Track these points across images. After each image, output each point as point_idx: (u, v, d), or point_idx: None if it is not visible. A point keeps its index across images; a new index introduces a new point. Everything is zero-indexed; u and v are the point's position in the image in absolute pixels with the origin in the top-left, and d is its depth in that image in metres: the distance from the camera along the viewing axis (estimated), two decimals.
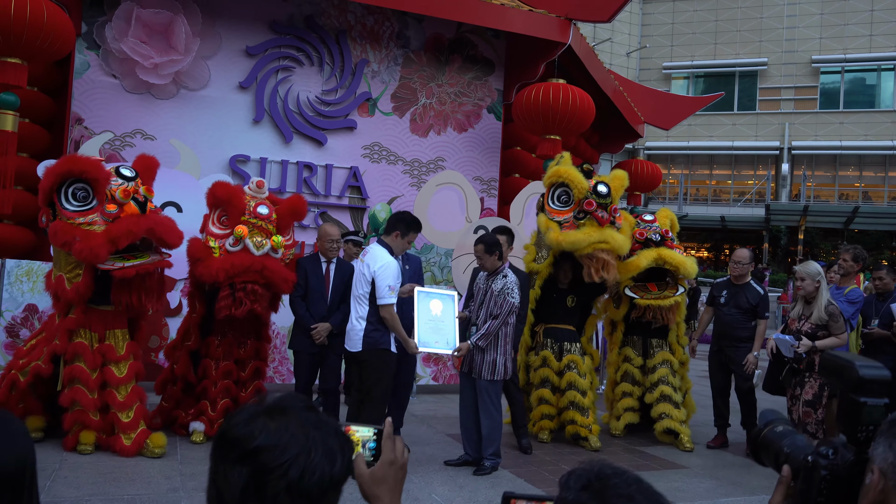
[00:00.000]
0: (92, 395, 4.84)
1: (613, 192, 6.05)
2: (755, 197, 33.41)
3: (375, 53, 8.54)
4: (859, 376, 1.38)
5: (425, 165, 8.76)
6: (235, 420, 1.12)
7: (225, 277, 5.16)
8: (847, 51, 31.99)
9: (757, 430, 1.53)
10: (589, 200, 5.94)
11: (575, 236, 5.86)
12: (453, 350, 5.06)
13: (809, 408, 5.43)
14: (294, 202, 5.72)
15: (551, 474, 5.16)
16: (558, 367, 6.10)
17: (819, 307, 5.46)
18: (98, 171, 4.86)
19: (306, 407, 1.15)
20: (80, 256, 4.68)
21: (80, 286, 4.81)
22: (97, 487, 4.21)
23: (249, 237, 5.27)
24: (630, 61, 34.98)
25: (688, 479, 5.30)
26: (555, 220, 6.06)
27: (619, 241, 5.91)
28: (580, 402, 5.98)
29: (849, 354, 1.49)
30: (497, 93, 9.20)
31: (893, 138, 30.99)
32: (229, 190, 5.43)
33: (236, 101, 7.92)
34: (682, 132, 31.79)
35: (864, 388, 1.37)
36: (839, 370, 1.44)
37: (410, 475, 4.92)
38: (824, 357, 1.56)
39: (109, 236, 4.67)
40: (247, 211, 5.34)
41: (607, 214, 5.92)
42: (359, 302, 4.91)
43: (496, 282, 5.09)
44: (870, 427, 1.31)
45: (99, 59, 7.35)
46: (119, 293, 4.90)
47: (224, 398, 5.42)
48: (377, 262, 4.84)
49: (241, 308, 5.24)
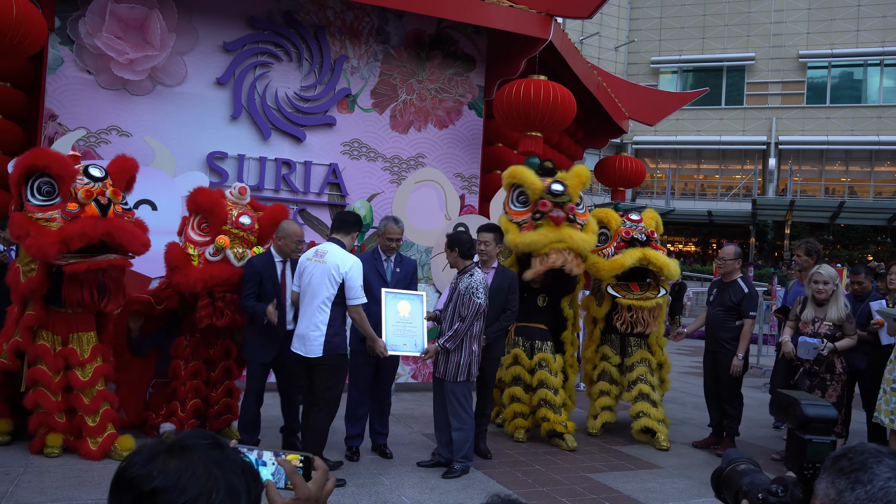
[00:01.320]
0: (55, 397, 4.78)
1: (571, 189, 5.97)
2: (742, 191, 33.55)
3: (355, 49, 8.47)
4: (804, 414, 1.39)
5: (406, 162, 8.71)
6: (134, 459, 1.07)
7: (203, 288, 5.11)
8: (834, 46, 32.12)
9: (720, 468, 1.56)
10: (543, 200, 5.87)
11: (531, 237, 5.82)
12: (421, 352, 5.01)
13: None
14: (276, 212, 5.55)
15: (525, 475, 5.14)
16: (530, 365, 6.08)
17: (838, 307, 5.46)
18: (62, 167, 4.75)
19: (212, 444, 1.11)
20: (29, 252, 4.61)
21: (34, 280, 4.73)
22: (61, 492, 4.16)
23: (231, 248, 5.19)
24: (618, 55, 34.99)
25: (661, 479, 5.30)
26: (514, 221, 6.03)
27: (578, 239, 5.83)
28: (551, 399, 5.96)
29: (796, 392, 1.50)
30: (478, 89, 9.15)
31: (879, 133, 31.18)
32: (212, 198, 5.28)
33: (214, 98, 7.84)
34: (669, 127, 31.86)
35: (810, 426, 1.38)
36: (785, 408, 1.45)
37: (381, 477, 4.90)
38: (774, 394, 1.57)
39: (62, 236, 4.57)
40: (229, 220, 5.24)
41: (563, 213, 5.83)
42: (321, 306, 4.62)
43: (462, 281, 5.05)
44: (816, 464, 1.32)
45: (73, 55, 7.25)
46: (70, 289, 4.78)
47: (194, 398, 5.37)
48: (346, 262, 4.64)
49: (222, 318, 5.19)
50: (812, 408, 1.42)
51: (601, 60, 32.92)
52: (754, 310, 6.20)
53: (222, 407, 5.54)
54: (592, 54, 32.67)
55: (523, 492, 4.75)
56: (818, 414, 1.41)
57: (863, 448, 1.17)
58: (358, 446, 5.32)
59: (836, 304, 5.50)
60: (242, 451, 1.36)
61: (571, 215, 5.91)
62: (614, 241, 6.46)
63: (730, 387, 6.20)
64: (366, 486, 4.66)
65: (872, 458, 1.14)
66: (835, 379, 5.46)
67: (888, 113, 31.34)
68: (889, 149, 31.51)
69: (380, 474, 4.97)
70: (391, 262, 5.42)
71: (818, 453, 1.35)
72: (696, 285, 25.09)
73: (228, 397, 5.58)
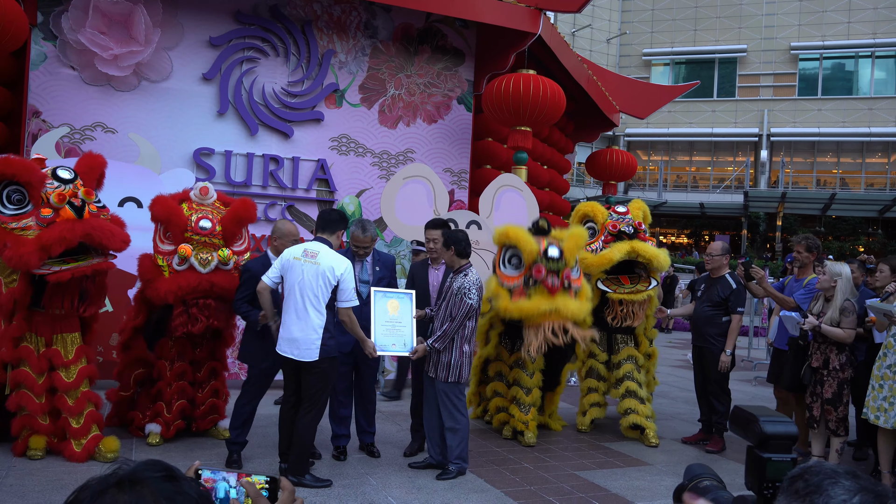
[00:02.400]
0: (39, 399, 4.73)
1: (567, 253, 5.62)
2: (734, 183, 33.59)
3: (342, 44, 8.41)
4: (763, 432, 1.35)
5: (394, 157, 8.66)
6: (82, 494, 1.03)
7: (174, 299, 5.08)
8: (825, 38, 32.14)
9: (682, 485, 1.52)
10: (538, 266, 5.53)
11: (522, 307, 5.50)
12: (410, 352, 4.98)
13: (830, 406, 5.43)
14: (238, 209, 5.36)
15: (512, 473, 5.12)
16: (510, 362, 6.09)
17: (835, 307, 5.44)
18: (30, 174, 4.63)
19: (164, 476, 1.06)
20: (10, 264, 4.51)
21: (16, 292, 4.65)
22: (45, 496, 4.11)
23: (194, 256, 5.12)
24: (610, 48, 34.93)
25: (650, 476, 5.29)
26: (505, 286, 5.70)
27: (572, 309, 5.50)
28: (521, 398, 5.94)
29: (755, 408, 1.46)
30: (467, 83, 9.10)
31: (870, 125, 31.25)
32: (167, 207, 5.14)
33: (200, 93, 7.77)
34: (662, 119, 31.85)
35: (769, 444, 1.34)
36: (744, 424, 1.42)
37: (368, 476, 4.87)
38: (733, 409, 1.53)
39: (41, 243, 4.49)
40: (188, 227, 5.16)
41: (558, 281, 5.51)
42: (314, 307, 4.50)
43: (455, 280, 5.01)
44: (776, 483, 1.28)
45: (56, 51, 7.16)
46: (54, 297, 4.72)
47: (180, 399, 5.32)
48: (341, 265, 4.55)
49: (197, 325, 5.14)
50: (771, 425, 1.39)
51: (593, 53, 32.85)
52: (742, 305, 6.16)
53: (208, 407, 5.50)
54: (584, 47, 32.61)
55: (511, 490, 4.73)
56: (777, 431, 1.38)
57: (819, 468, 1.15)
58: (345, 445, 5.30)
59: (833, 303, 5.48)
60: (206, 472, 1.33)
61: (567, 282, 5.60)
62: (601, 235, 6.41)
63: (717, 383, 6.18)
64: (352, 487, 4.64)
65: (828, 479, 1.12)
66: (830, 374, 5.45)
67: (879, 105, 31.40)
68: (880, 140, 31.59)
69: (367, 474, 4.94)
70: (368, 262, 5.34)
71: (778, 472, 1.33)
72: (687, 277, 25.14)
73: (215, 397, 5.54)
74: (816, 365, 5.54)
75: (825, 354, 5.51)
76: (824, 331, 5.40)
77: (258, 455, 5.22)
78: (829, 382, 5.47)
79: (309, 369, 4.58)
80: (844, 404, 5.43)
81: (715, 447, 6.12)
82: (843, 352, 5.45)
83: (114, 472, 1.04)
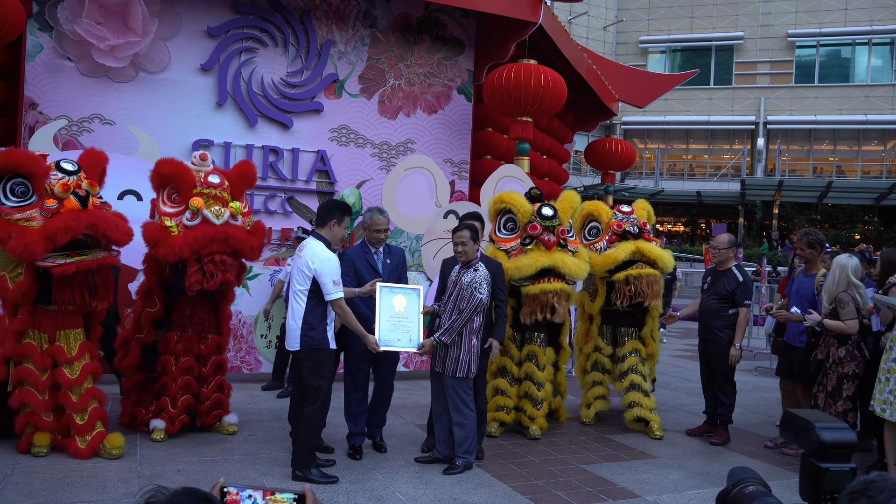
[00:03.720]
0: (42, 396, 4.69)
1: (561, 213, 5.83)
2: (731, 171, 33.58)
3: (342, 34, 8.32)
4: (821, 440, 1.28)
5: (395, 148, 8.59)
6: None
7: (190, 252, 4.96)
8: (822, 25, 32.05)
9: (726, 490, 1.45)
10: (533, 224, 5.72)
11: (520, 261, 5.64)
12: (416, 348, 4.93)
13: (830, 399, 5.44)
14: (242, 167, 5.46)
15: (519, 468, 5.11)
16: (518, 357, 5.98)
17: (830, 297, 5.45)
18: (34, 165, 4.61)
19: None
20: (15, 254, 4.47)
21: (23, 285, 4.61)
22: (50, 494, 4.08)
23: (207, 207, 5.09)
24: (606, 35, 34.78)
25: (656, 469, 5.27)
26: (501, 248, 5.84)
27: (570, 264, 5.64)
28: (534, 393, 5.90)
29: (810, 413, 1.38)
30: (467, 73, 9.03)
31: (867, 112, 31.24)
32: (175, 164, 5.16)
33: (198, 84, 7.68)
34: (658, 107, 31.75)
35: (827, 453, 1.27)
36: (798, 431, 1.34)
37: (375, 472, 4.85)
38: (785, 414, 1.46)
39: (46, 233, 4.45)
40: (197, 182, 5.14)
41: (554, 237, 5.69)
42: (296, 298, 4.62)
43: (466, 275, 4.96)
44: (835, 495, 1.22)
45: (52, 41, 7.06)
46: (61, 291, 4.68)
47: (185, 394, 5.28)
48: (317, 258, 4.55)
49: (213, 280, 5.07)
50: (829, 432, 1.31)
51: (589, 41, 32.70)
52: (749, 298, 6.14)
53: (213, 402, 5.46)
54: (581, 34, 32.45)
55: (518, 485, 4.71)
56: (836, 439, 1.30)
57: (884, 484, 1.08)
58: (360, 444, 5.24)
59: (826, 292, 5.51)
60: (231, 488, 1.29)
61: (563, 240, 5.75)
62: (606, 235, 6.38)
63: (723, 375, 6.17)
64: (359, 482, 4.61)
65: (894, 497, 1.06)
66: (831, 368, 5.45)
67: (876, 92, 31.37)
68: (877, 128, 31.58)
69: (373, 469, 4.92)
70: (381, 254, 5.31)
71: (837, 483, 1.26)
72: (685, 266, 25.15)
73: (219, 393, 5.50)
74: (821, 357, 5.56)
75: (827, 348, 5.53)
76: (827, 325, 5.41)
77: (262, 451, 5.19)
78: (830, 376, 5.47)
79: (300, 361, 4.65)
80: (844, 399, 5.38)
81: (719, 439, 6.12)
82: (843, 345, 5.43)
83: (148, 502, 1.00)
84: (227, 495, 1.28)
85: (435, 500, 4.36)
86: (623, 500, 4.56)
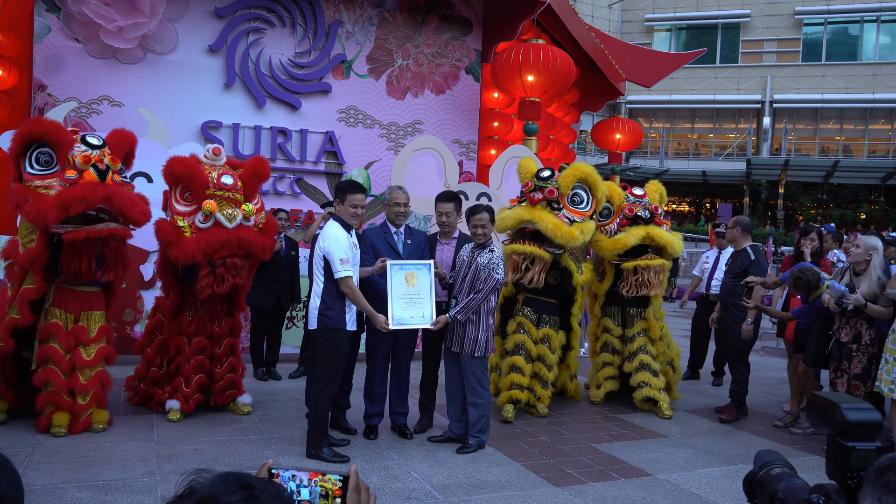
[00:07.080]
0: (66, 376, 4.76)
1: (561, 178, 5.84)
2: (736, 151, 33.43)
3: (349, 14, 8.28)
4: (846, 420, 1.31)
5: (403, 129, 8.58)
6: None
7: (202, 257, 5.02)
8: (830, 2, 31.71)
9: (753, 472, 1.48)
10: (527, 183, 5.93)
11: (503, 214, 5.83)
12: (431, 323, 4.95)
13: (859, 381, 5.36)
14: (255, 165, 5.45)
15: (531, 447, 5.17)
16: (536, 336, 6.01)
17: (871, 281, 5.32)
18: (59, 134, 4.68)
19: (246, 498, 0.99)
20: (28, 218, 4.54)
21: (33, 250, 4.66)
22: (71, 473, 4.14)
23: (219, 211, 5.11)
24: (612, 13, 34.48)
25: (666, 448, 5.33)
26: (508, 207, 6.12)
27: (548, 223, 5.63)
28: (544, 375, 5.97)
29: (835, 395, 1.41)
30: (475, 53, 8.99)
31: (874, 91, 31.01)
32: (187, 165, 5.14)
33: (206, 65, 7.67)
34: (664, 86, 31.52)
35: (853, 433, 1.30)
36: (824, 412, 1.37)
37: (389, 451, 4.91)
38: (811, 397, 1.49)
39: (61, 200, 4.50)
40: (210, 183, 5.14)
41: (540, 195, 5.77)
42: (317, 278, 4.68)
43: (482, 255, 4.98)
44: (861, 473, 1.25)
45: (60, 23, 7.05)
46: (69, 258, 4.72)
47: (198, 374, 5.34)
48: (326, 237, 4.61)
49: (224, 285, 5.13)
50: (854, 412, 1.34)
51: (595, 18, 32.43)
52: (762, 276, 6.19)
53: (227, 383, 5.51)
54: (586, 12, 32.17)
55: (531, 464, 4.77)
56: (861, 419, 1.33)
57: None
58: (377, 424, 5.29)
59: (868, 277, 5.35)
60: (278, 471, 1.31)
61: (557, 203, 5.78)
62: (617, 217, 6.39)
63: (737, 351, 6.26)
64: (374, 461, 4.67)
65: None
66: (860, 350, 5.39)
67: (884, 70, 31.12)
68: (884, 107, 31.38)
69: (387, 448, 4.98)
70: (401, 234, 5.28)
71: (862, 461, 1.28)
72: (690, 245, 25.12)
73: (233, 373, 5.55)
74: (846, 339, 5.44)
75: (855, 329, 5.41)
76: (869, 309, 5.25)
77: (277, 430, 5.25)
78: (859, 357, 5.36)
79: (315, 340, 4.69)
80: (873, 379, 5.33)
81: (729, 416, 6.18)
82: (872, 326, 5.38)
83: (191, 491, 0.99)
84: (274, 477, 1.31)
85: (449, 479, 4.42)
86: (634, 478, 4.62)
